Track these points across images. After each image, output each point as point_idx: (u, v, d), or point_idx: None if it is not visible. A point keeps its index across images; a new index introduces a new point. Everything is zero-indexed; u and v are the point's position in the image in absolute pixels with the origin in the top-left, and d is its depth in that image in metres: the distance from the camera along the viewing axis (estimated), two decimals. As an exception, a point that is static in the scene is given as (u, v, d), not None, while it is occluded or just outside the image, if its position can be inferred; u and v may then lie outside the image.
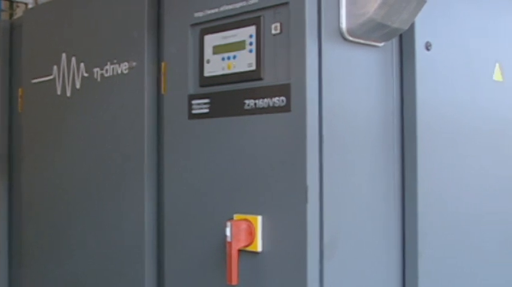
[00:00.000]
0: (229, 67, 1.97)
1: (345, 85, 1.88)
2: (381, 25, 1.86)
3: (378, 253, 1.98)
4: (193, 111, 2.06)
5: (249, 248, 1.86)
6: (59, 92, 2.60)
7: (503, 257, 2.42)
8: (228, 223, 1.84)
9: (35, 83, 2.73)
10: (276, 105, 1.83)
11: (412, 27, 2.01)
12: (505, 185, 2.44)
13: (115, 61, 2.34)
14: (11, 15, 5.42)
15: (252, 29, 1.92)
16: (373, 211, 1.96)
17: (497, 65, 2.38)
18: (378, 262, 1.98)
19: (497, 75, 2.38)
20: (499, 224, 2.40)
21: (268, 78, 1.87)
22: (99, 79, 2.41)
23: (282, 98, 1.82)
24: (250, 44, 1.92)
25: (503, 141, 2.42)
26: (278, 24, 1.86)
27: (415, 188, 2.01)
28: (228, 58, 1.98)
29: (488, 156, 2.34)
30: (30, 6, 5.20)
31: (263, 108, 1.87)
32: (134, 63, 2.26)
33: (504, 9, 2.47)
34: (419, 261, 2.01)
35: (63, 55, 2.58)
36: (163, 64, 2.18)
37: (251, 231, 1.86)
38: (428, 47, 2.08)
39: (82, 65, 2.49)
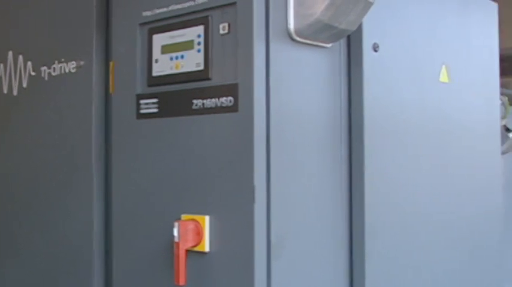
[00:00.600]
0: (177, 67, 1.96)
1: (292, 85, 1.89)
2: (328, 26, 1.87)
3: (325, 253, 1.99)
4: (141, 111, 2.05)
5: (197, 249, 1.86)
6: (5, 91, 2.56)
7: (450, 257, 2.47)
8: (176, 223, 1.84)
9: (-19, 82, 2.68)
10: (224, 105, 1.83)
11: (359, 29, 2.02)
12: (452, 184, 2.48)
13: (63, 60, 2.31)
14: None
15: (200, 29, 1.92)
16: (320, 211, 1.97)
17: (443, 66, 2.42)
18: (326, 261, 1.99)
19: (443, 77, 2.41)
20: (446, 223, 2.44)
21: (216, 78, 1.87)
22: (46, 78, 2.38)
23: (230, 98, 1.82)
24: (198, 43, 1.91)
25: (450, 142, 2.46)
26: (226, 24, 1.86)
27: (362, 188, 2.03)
28: (176, 58, 1.97)
29: (435, 156, 2.38)
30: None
31: (211, 108, 1.86)
32: (82, 62, 2.24)
33: (450, 11, 2.51)
34: (366, 261, 2.03)
35: (10, 53, 2.54)
36: (111, 63, 2.16)
37: (199, 231, 1.85)
38: (375, 48, 2.10)
39: (29, 63, 2.45)
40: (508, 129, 3.88)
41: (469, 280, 2.60)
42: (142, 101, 2.04)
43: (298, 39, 1.89)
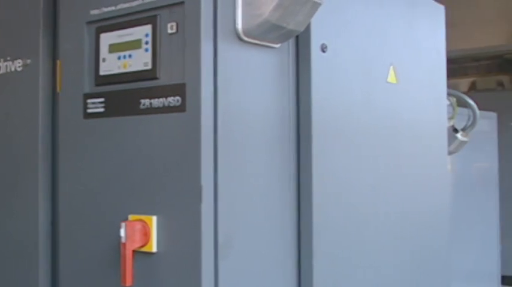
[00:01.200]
0: (125, 66, 1.95)
1: (241, 85, 1.89)
2: (276, 26, 1.88)
3: (273, 252, 2.00)
4: (89, 111, 2.02)
5: (144, 249, 1.85)
6: (-50, 89, 2.50)
7: (398, 256, 2.50)
8: (123, 224, 1.82)
9: None
10: (171, 105, 1.83)
11: (308, 29, 2.04)
12: (399, 184, 2.52)
13: (8, 58, 2.27)
14: None
15: (148, 28, 1.90)
16: (269, 211, 1.98)
17: (391, 67, 2.45)
18: (274, 261, 2.00)
19: (391, 78, 2.45)
20: (394, 223, 2.48)
21: (164, 78, 1.86)
22: (-8, 76, 2.34)
23: (177, 97, 1.81)
24: (146, 43, 1.90)
25: (398, 142, 2.50)
26: (174, 24, 1.85)
27: (310, 188, 2.05)
28: (124, 57, 1.95)
29: (383, 156, 2.41)
30: None
31: (158, 108, 1.86)
32: (29, 61, 2.20)
33: (398, 13, 2.54)
34: (314, 260, 2.05)
35: (-46, 51, 2.48)
36: (58, 62, 2.14)
37: (146, 231, 1.84)
38: (324, 49, 2.12)
39: (-25, 61, 2.41)
40: (455, 130, 3.94)
41: (417, 279, 2.64)
42: (89, 101, 2.02)
43: (246, 39, 1.90)
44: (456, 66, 8.50)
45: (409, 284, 2.58)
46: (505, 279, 5.69)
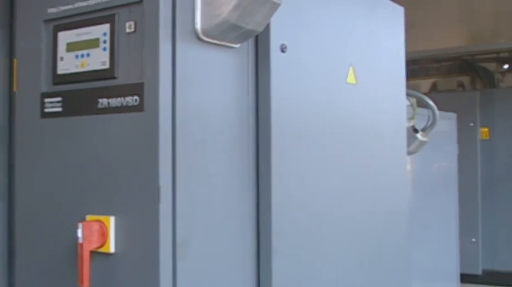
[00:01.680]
0: (83, 65, 1.93)
1: (199, 85, 1.89)
2: (235, 26, 1.88)
3: (233, 252, 2.00)
4: (46, 110, 2.00)
5: (102, 250, 1.83)
6: None
7: (358, 255, 2.52)
8: (80, 224, 1.81)
9: None
10: (130, 104, 1.82)
11: (267, 30, 2.04)
12: (359, 184, 2.53)
13: (-36, 56, 2.23)
14: None
15: (106, 27, 1.89)
16: (228, 210, 1.98)
17: (351, 68, 2.47)
18: (233, 260, 2.00)
19: (350, 78, 2.46)
20: (354, 223, 2.50)
21: (122, 77, 1.85)
22: None
23: (135, 97, 1.80)
24: (104, 42, 1.89)
25: (357, 142, 2.52)
26: (132, 23, 1.84)
27: (269, 188, 2.05)
28: (82, 56, 1.94)
29: (342, 156, 2.43)
30: None
31: (116, 107, 1.84)
32: (-16, 59, 2.17)
33: (358, 14, 2.56)
34: (273, 260, 2.05)
35: None
36: (14, 61, 2.11)
37: (103, 232, 1.83)
38: (283, 49, 2.12)
39: None
40: (415, 130, 3.98)
41: (378, 278, 2.67)
42: (46, 100, 2.00)
43: (205, 39, 1.89)
44: (417, 67, 8.60)
45: (370, 283, 2.60)
46: (464, 277, 5.77)
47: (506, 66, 9.01)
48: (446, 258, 5.13)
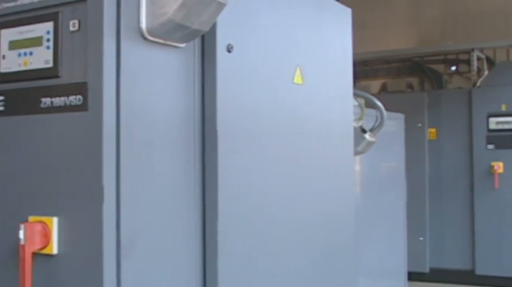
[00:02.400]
0: (25, 64, 1.90)
1: (144, 85, 1.88)
2: (180, 26, 1.88)
3: (178, 252, 1.99)
4: (-13, 109, 1.97)
5: (44, 251, 1.80)
6: None
7: (305, 255, 2.54)
8: (22, 225, 1.78)
9: None
10: (73, 104, 1.79)
11: (213, 29, 2.04)
12: (306, 184, 2.55)
13: None
14: None
15: (49, 25, 1.86)
16: (173, 210, 1.97)
17: (298, 68, 2.48)
18: (178, 261, 2.00)
19: (297, 79, 2.48)
20: (300, 223, 2.51)
21: (66, 76, 1.82)
22: None
23: (79, 96, 1.78)
24: (48, 40, 1.86)
25: (304, 142, 2.54)
26: (76, 21, 1.82)
27: (216, 188, 2.05)
28: (25, 54, 1.90)
29: (289, 156, 2.44)
30: None
31: (60, 107, 1.82)
32: None
33: (305, 15, 2.58)
34: (219, 260, 2.05)
35: None
36: (-45, 58, 2.06)
37: (46, 233, 1.80)
38: (229, 49, 2.12)
39: None
40: (363, 130, 4.03)
41: (325, 277, 2.69)
42: (-12, 99, 1.96)
43: (150, 38, 1.88)
44: (368, 68, 8.72)
45: (317, 282, 2.62)
46: (411, 275, 5.87)
47: (453, 68, 9.19)
48: (395, 257, 5.21)
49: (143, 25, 1.87)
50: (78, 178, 1.78)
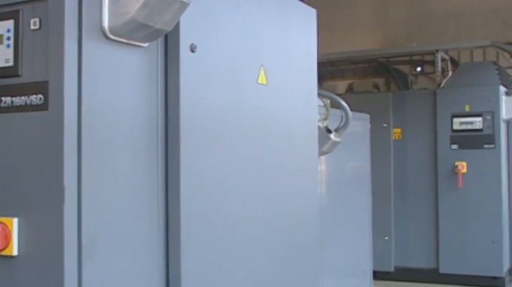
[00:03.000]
0: (-15, 62, 1.87)
1: (106, 84, 1.87)
2: (143, 25, 1.87)
3: (141, 252, 1.98)
4: None
5: (4, 253, 1.78)
6: None
7: (268, 254, 2.54)
8: (-19, 226, 1.76)
9: None
10: (34, 103, 1.77)
11: (177, 29, 2.04)
12: (269, 184, 2.56)
13: None
14: None
15: (9, 23, 1.84)
16: (136, 210, 1.96)
17: (262, 68, 2.49)
18: (141, 261, 1.98)
19: (261, 79, 2.48)
20: (264, 222, 2.52)
21: (26, 75, 1.80)
22: None
23: (40, 96, 1.76)
24: (8, 38, 1.84)
25: (268, 142, 2.54)
26: (37, 20, 1.80)
27: (178, 188, 2.05)
28: (-15, 53, 1.88)
29: (252, 156, 2.44)
30: None
31: (20, 106, 1.80)
32: None
33: (269, 15, 2.59)
34: (182, 259, 2.05)
35: None
36: None
37: (6, 234, 1.78)
38: (193, 49, 2.12)
39: None
40: (329, 131, 4.05)
41: (288, 276, 2.70)
42: None
43: (113, 37, 1.87)
44: (334, 68, 8.76)
45: (280, 281, 2.63)
46: (377, 274, 5.91)
47: (419, 68, 9.29)
48: (360, 256, 5.25)
49: (105, 24, 1.85)
50: (39, 178, 1.76)
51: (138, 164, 1.97)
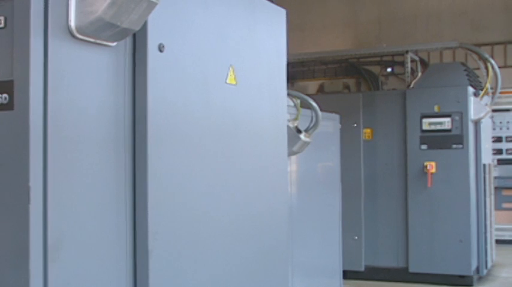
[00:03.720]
0: (-51, 61, 1.85)
1: (73, 83, 1.85)
2: (110, 24, 1.86)
3: (108, 253, 1.97)
4: None
5: (-32, 254, 1.76)
6: None
7: (236, 253, 2.54)
8: None
9: None
10: (-1, 102, 1.76)
11: (145, 29, 2.03)
12: (238, 184, 2.56)
13: None
14: None
15: (-26, 22, 1.82)
16: (103, 211, 1.95)
17: (231, 68, 2.49)
18: (109, 261, 1.97)
19: (230, 79, 2.48)
20: (232, 222, 2.52)
21: (-9, 74, 1.79)
22: None
23: (5, 95, 1.74)
24: (-28, 37, 1.82)
25: (236, 142, 2.54)
26: (2, 18, 1.78)
27: (146, 188, 2.04)
28: None
29: (221, 156, 2.44)
30: None
31: (-15, 105, 1.78)
32: None
33: (238, 15, 2.59)
34: (149, 259, 2.04)
35: None
36: None
37: (-30, 235, 1.76)
38: (161, 48, 2.11)
39: None
40: (299, 131, 4.07)
41: (257, 276, 2.70)
42: None
43: (79, 36, 1.86)
44: (305, 69, 8.78)
45: (248, 281, 2.63)
46: (347, 273, 5.95)
47: (389, 69, 9.35)
48: (330, 255, 5.27)
49: (72, 23, 1.84)
50: (4, 178, 1.74)
51: (105, 164, 1.96)
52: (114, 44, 1.98)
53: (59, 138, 1.79)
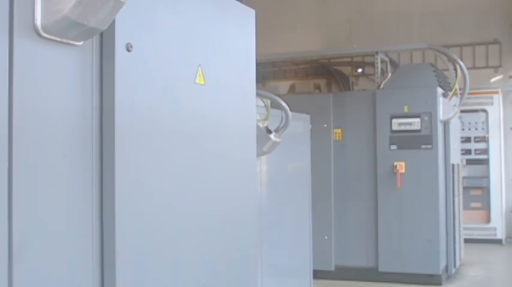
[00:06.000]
0: None
1: (39, 83, 1.83)
2: (76, 23, 1.84)
3: (75, 254, 1.95)
4: None
5: None
6: None
7: (206, 254, 2.54)
8: None
9: None
10: (-38, 102, 1.73)
11: (112, 28, 2.02)
12: (206, 184, 2.55)
13: None
14: None
15: None
16: (69, 212, 1.93)
17: (199, 68, 2.48)
18: (76, 262, 1.95)
19: (199, 79, 2.48)
20: (201, 222, 2.51)
21: (-46, 73, 1.76)
22: None
23: (-32, 94, 1.72)
24: None
25: (205, 142, 2.54)
26: (-34, 16, 1.76)
27: (113, 188, 2.03)
28: None
29: (189, 156, 2.43)
30: None
31: None
32: None
33: (207, 14, 2.58)
34: (116, 260, 2.03)
35: None
36: None
37: None
38: (129, 48, 2.10)
39: None
40: (269, 131, 4.08)
41: (225, 276, 2.70)
42: None
43: (45, 35, 1.84)
44: (276, 69, 8.81)
45: (217, 281, 2.63)
46: (317, 273, 5.97)
47: (360, 70, 9.42)
48: (300, 255, 5.28)
49: (38, 22, 1.82)
50: (-32, 179, 1.72)
51: (71, 164, 1.94)
52: (81, 43, 1.96)
53: (24, 138, 1.77)
